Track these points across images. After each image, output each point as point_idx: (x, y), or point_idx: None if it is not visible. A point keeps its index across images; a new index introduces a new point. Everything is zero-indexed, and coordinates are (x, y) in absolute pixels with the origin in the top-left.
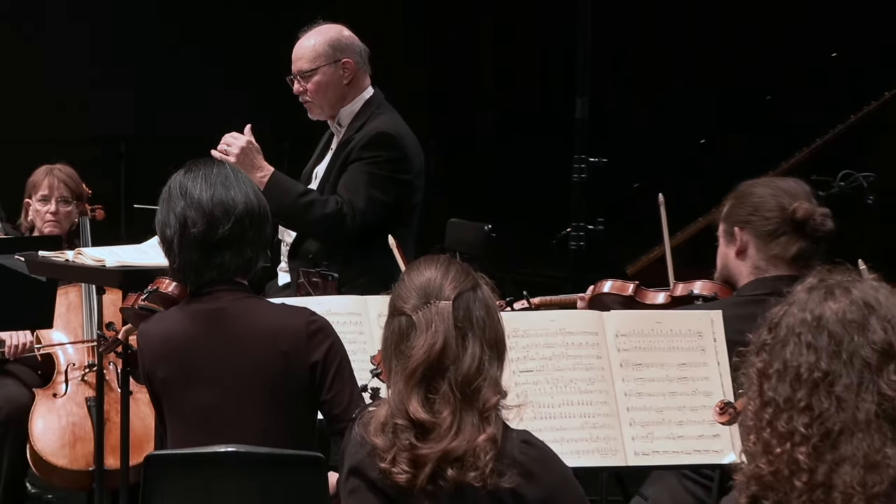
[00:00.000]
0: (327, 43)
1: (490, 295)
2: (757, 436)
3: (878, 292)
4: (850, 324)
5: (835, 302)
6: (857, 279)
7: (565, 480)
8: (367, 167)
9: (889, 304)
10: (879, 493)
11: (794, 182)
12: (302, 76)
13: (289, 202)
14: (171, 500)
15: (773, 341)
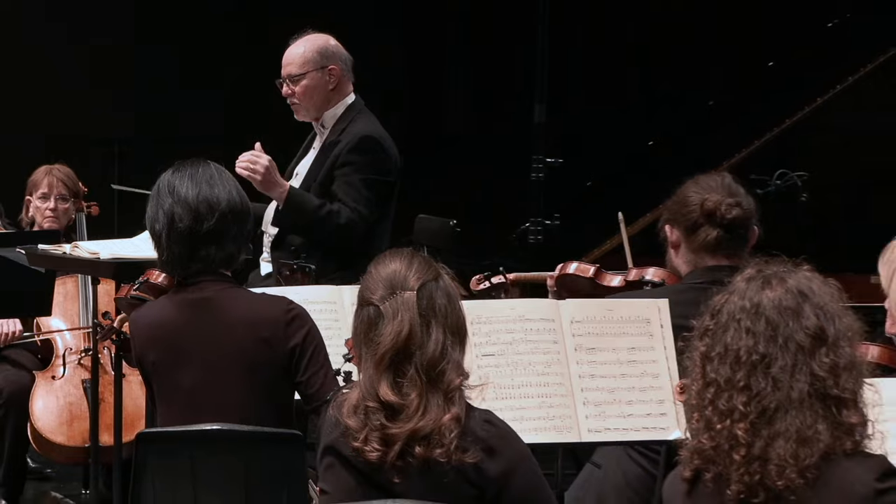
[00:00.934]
0: (316, 50)
1: (451, 284)
2: (700, 414)
3: (812, 282)
4: (786, 310)
5: (771, 290)
6: (793, 270)
7: (524, 457)
8: (359, 172)
9: (821, 293)
10: (810, 465)
11: (720, 177)
12: (291, 80)
13: (308, 216)
14: (160, 474)
15: (715, 327)
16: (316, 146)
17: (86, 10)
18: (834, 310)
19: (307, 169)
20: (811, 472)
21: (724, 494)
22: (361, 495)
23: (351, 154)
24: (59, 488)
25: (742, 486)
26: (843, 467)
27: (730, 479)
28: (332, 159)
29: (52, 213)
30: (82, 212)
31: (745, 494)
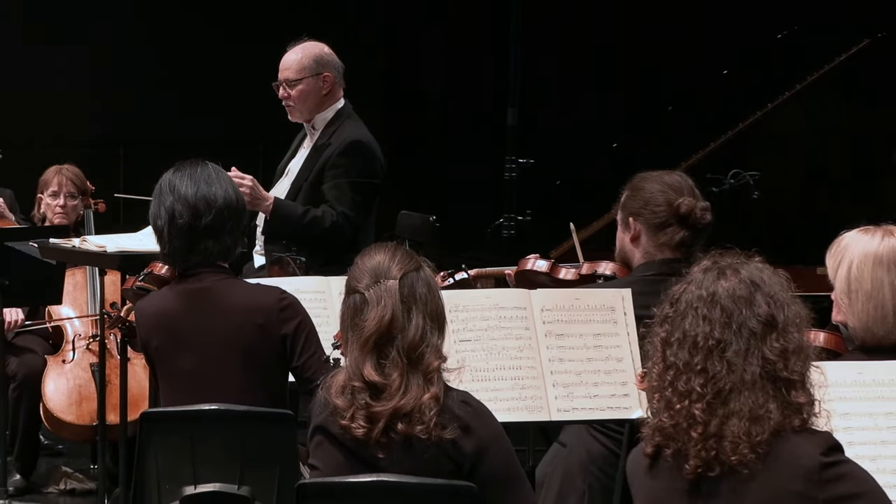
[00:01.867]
0: (312, 58)
1: (431, 275)
2: (660, 395)
3: (763, 273)
4: (739, 299)
5: (726, 281)
6: (745, 261)
7: (497, 435)
8: (347, 175)
9: (772, 283)
10: (761, 441)
11: (679, 177)
12: (288, 84)
13: (294, 224)
14: (162, 451)
15: (674, 314)
16: (306, 146)
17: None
18: (783, 298)
19: (299, 167)
20: (762, 447)
21: (682, 469)
22: (349, 470)
23: (341, 157)
24: (69, 463)
25: (699, 461)
26: (791, 443)
27: (688, 454)
28: (322, 161)
29: (62, 209)
30: (90, 208)
31: (702, 469)
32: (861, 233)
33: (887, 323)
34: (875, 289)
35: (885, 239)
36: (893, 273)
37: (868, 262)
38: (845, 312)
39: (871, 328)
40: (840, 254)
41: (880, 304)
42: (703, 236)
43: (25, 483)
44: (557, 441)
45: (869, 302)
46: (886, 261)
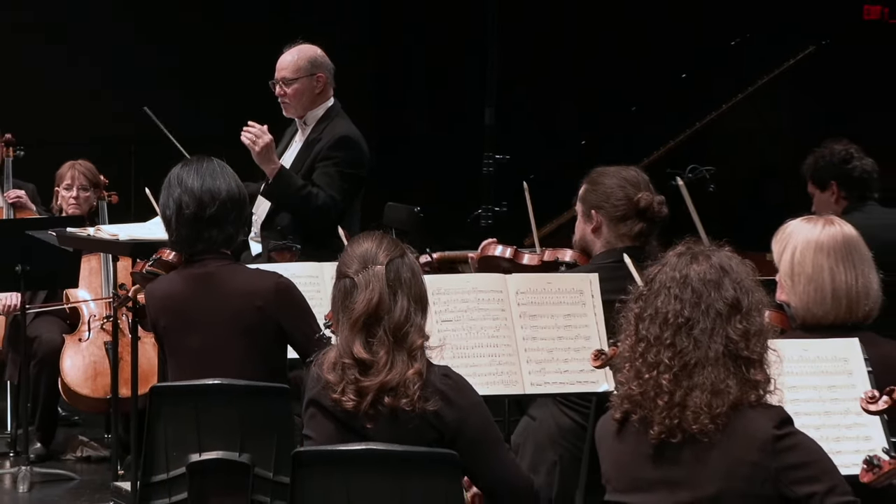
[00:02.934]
0: (307, 59)
1: (415, 261)
2: (631, 364)
3: (732, 260)
4: (709, 283)
5: (698, 265)
6: (716, 249)
7: (476, 404)
8: (337, 167)
9: (740, 270)
10: (721, 413)
11: (635, 172)
12: (284, 82)
13: (292, 193)
14: (170, 422)
15: (649, 292)
16: (298, 140)
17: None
18: (749, 285)
19: (292, 160)
20: (721, 419)
21: (647, 434)
22: (340, 439)
23: (331, 150)
24: (85, 433)
25: (663, 427)
26: (747, 417)
27: (653, 421)
28: (314, 154)
29: (75, 200)
30: (103, 200)
31: (665, 435)
32: (804, 222)
33: (826, 304)
34: (816, 273)
35: (826, 227)
36: (832, 259)
37: (810, 248)
38: (788, 293)
39: (812, 308)
40: (784, 240)
41: (820, 286)
42: (659, 227)
43: (45, 451)
44: (527, 414)
45: (810, 284)
46: (826, 248)
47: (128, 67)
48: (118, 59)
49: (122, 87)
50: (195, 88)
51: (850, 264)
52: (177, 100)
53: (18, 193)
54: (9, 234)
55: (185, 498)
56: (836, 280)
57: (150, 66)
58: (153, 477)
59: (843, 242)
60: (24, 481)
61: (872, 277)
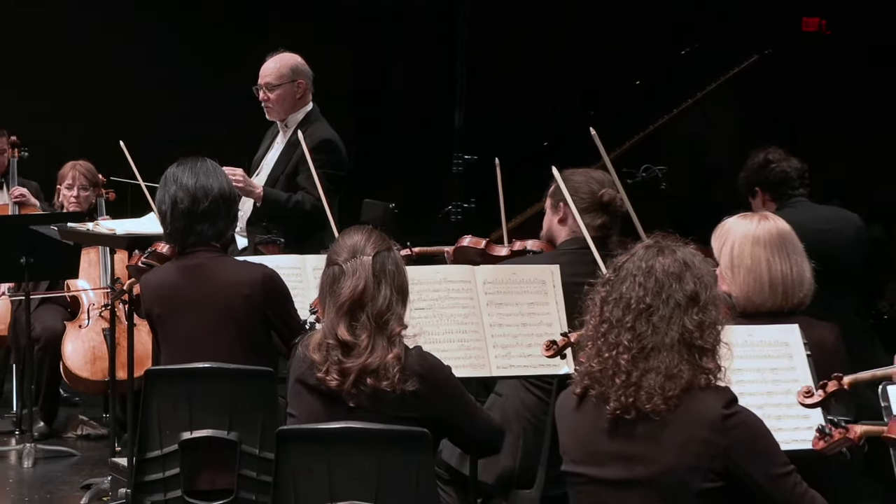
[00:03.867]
0: (289, 67)
1: (399, 256)
2: (593, 343)
3: (695, 257)
4: (671, 275)
5: (664, 258)
6: (682, 245)
7: (448, 378)
8: (319, 169)
9: (701, 267)
10: (673, 395)
11: (601, 173)
12: (268, 88)
13: (281, 207)
14: (163, 402)
15: (616, 278)
16: (280, 141)
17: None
18: (708, 281)
19: (274, 161)
20: (673, 401)
21: (604, 410)
22: (324, 417)
23: (311, 153)
24: (85, 412)
25: (618, 404)
26: (698, 398)
27: (609, 398)
28: (296, 157)
29: (75, 199)
30: (102, 197)
31: (620, 411)
32: (741, 218)
33: (764, 293)
34: (754, 264)
35: (761, 222)
36: (768, 251)
37: (748, 242)
38: (729, 284)
39: (751, 297)
40: (724, 236)
41: (758, 277)
42: (620, 222)
43: (48, 429)
44: (494, 392)
45: (749, 275)
46: (763, 241)
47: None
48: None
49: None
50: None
51: (784, 255)
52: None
53: (21, 191)
54: (14, 229)
55: (178, 472)
56: (773, 270)
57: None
58: (148, 453)
59: (777, 235)
60: (28, 457)
61: (805, 267)
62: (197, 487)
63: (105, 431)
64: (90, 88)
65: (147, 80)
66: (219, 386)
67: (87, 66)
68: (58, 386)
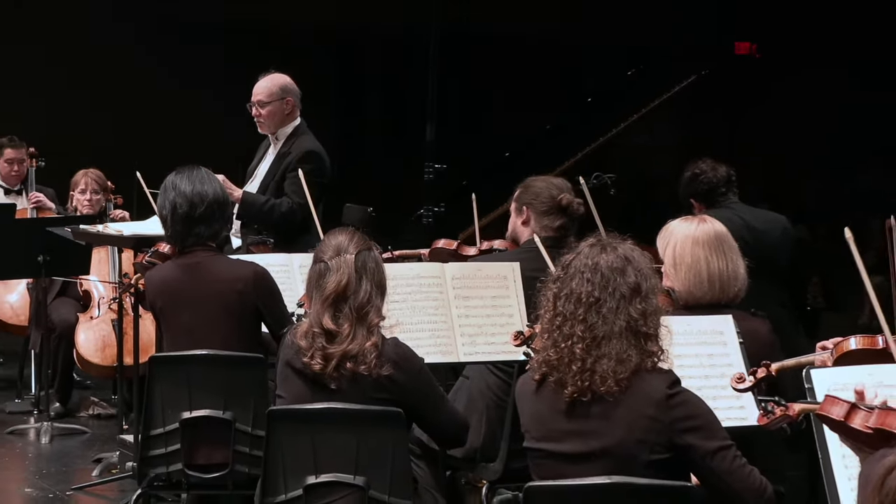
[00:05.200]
0: (279, 86)
1: (378, 255)
2: (549, 335)
3: (634, 251)
4: (615, 269)
5: (606, 255)
6: (622, 242)
7: (420, 369)
8: (305, 176)
9: (640, 260)
10: (623, 378)
11: (561, 180)
12: (260, 105)
13: (257, 210)
14: (166, 385)
15: (565, 276)
16: (271, 153)
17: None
18: (647, 272)
19: (266, 170)
20: (624, 382)
21: (561, 394)
22: (309, 398)
23: (299, 163)
24: (96, 394)
25: (575, 388)
26: (645, 380)
27: (567, 383)
28: (285, 165)
29: (88, 202)
30: (110, 202)
31: (577, 394)
32: (682, 221)
33: (703, 287)
34: (694, 262)
35: (700, 225)
36: (707, 250)
37: (688, 242)
38: (672, 280)
39: (692, 291)
40: (667, 237)
41: (698, 273)
42: (577, 224)
43: (63, 409)
44: (462, 375)
45: (689, 272)
46: (702, 241)
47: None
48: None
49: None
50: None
51: (721, 254)
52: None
53: (39, 197)
54: (32, 231)
55: (179, 448)
56: (711, 267)
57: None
58: (152, 430)
59: (714, 236)
60: (45, 434)
61: (740, 264)
62: (196, 461)
63: (114, 411)
64: (102, 106)
65: (150, 98)
66: (215, 371)
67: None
68: (72, 371)
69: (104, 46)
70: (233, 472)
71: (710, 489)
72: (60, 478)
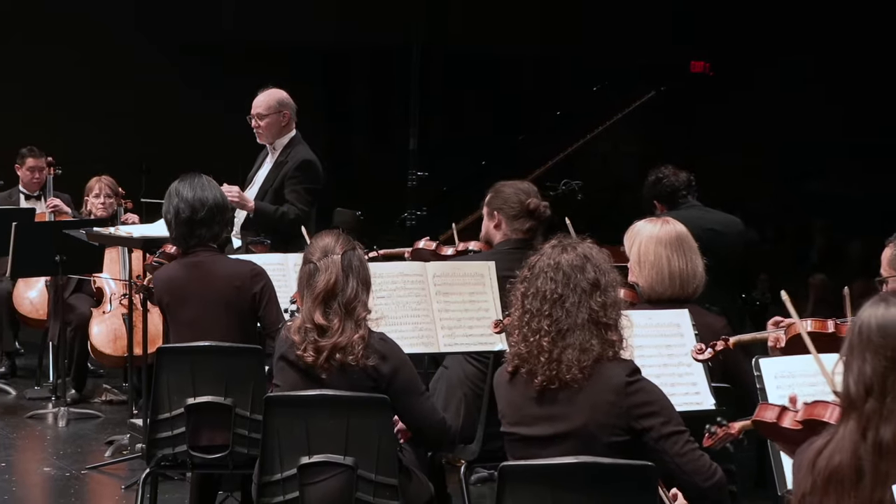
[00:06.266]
0: (276, 100)
1: (362, 254)
2: (519, 331)
3: (593, 250)
4: (576, 267)
5: (567, 254)
6: (581, 241)
7: (404, 361)
8: (302, 183)
9: (599, 257)
10: (587, 366)
11: (527, 184)
12: (259, 117)
13: (269, 217)
14: (172, 373)
15: (531, 275)
16: (269, 162)
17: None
18: (606, 268)
19: (263, 178)
20: (587, 370)
21: (532, 383)
22: (302, 386)
23: (296, 171)
24: (108, 382)
25: (544, 377)
26: (607, 367)
27: (536, 373)
28: (283, 173)
29: (102, 205)
30: (121, 206)
31: (546, 383)
32: (647, 222)
33: (664, 283)
34: (656, 260)
35: (663, 226)
36: (668, 250)
37: (652, 242)
38: (637, 276)
39: (654, 287)
40: (633, 236)
41: (660, 271)
42: (545, 225)
43: (78, 395)
44: (442, 365)
45: (652, 269)
46: (664, 241)
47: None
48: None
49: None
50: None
51: (681, 253)
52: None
53: (56, 202)
54: (50, 233)
55: (184, 431)
56: (672, 265)
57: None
58: (159, 415)
59: (676, 237)
60: (62, 418)
61: (698, 263)
62: (199, 443)
63: (124, 397)
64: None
65: (159, 111)
66: (217, 360)
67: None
68: (86, 360)
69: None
70: (233, 453)
71: (663, 470)
72: (76, 458)
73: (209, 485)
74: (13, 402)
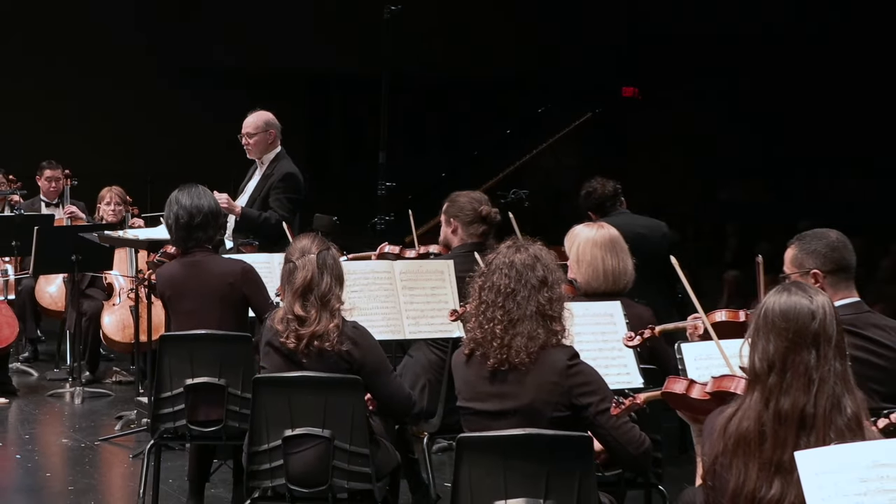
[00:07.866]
0: (263, 121)
1: (336, 253)
2: (476, 318)
3: (542, 251)
4: (527, 266)
5: (520, 254)
6: (533, 244)
7: (374, 346)
8: (284, 193)
9: (547, 258)
10: (533, 352)
11: (479, 193)
12: (248, 136)
13: (253, 221)
14: (173, 358)
15: (488, 271)
16: (257, 175)
17: None
18: (553, 267)
19: (253, 187)
20: (534, 355)
21: (485, 365)
22: (285, 368)
23: (280, 182)
24: (118, 365)
25: (496, 360)
26: (550, 353)
27: (489, 356)
28: (268, 185)
29: (112, 212)
30: (129, 213)
31: (498, 365)
32: (585, 226)
33: (599, 280)
34: (592, 260)
35: (599, 230)
36: (603, 250)
37: (588, 244)
38: (575, 273)
39: (591, 283)
40: (572, 238)
41: (596, 269)
42: (495, 228)
43: (92, 377)
44: (407, 354)
45: (589, 268)
46: (599, 243)
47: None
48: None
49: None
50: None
51: (614, 253)
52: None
53: (72, 209)
54: (67, 235)
55: (183, 407)
56: (606, 264)
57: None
58: (162, 394)
59: (609, 239)
60: (78, 397)
61: (628, 262)
62: (197, 418)
63: (132, 378)
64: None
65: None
66: (212, 346)
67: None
68: (99, 346)
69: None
70: (226, 426)
71: (600, 441)
72: (90, 431)
73: (206, 454)
74: (35, 383)
